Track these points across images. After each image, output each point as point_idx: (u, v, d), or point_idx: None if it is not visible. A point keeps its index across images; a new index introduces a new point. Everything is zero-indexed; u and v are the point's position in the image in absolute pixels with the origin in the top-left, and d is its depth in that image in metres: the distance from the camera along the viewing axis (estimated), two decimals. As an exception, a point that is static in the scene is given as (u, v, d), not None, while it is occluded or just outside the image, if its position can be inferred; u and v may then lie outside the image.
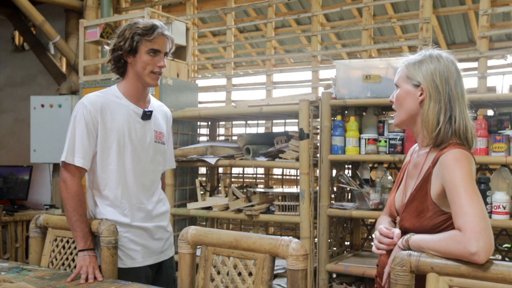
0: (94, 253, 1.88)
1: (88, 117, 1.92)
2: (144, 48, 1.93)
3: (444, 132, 1.46)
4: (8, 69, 5.55)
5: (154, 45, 1.93)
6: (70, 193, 1.90)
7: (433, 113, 1.47)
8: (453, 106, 1.47)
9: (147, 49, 1.93)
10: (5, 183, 4.73)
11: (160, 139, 2.11)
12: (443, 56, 1.52)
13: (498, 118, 2.61)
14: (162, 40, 1.95)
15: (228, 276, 1.59)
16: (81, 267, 1.83)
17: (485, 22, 3.27)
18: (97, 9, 4.60)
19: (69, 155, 1.93)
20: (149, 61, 1.94)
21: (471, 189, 1.34)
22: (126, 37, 1.93)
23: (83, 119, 1.93)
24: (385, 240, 1.50)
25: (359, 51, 3.84)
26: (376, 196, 2.77)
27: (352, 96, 2.83)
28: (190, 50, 4.05)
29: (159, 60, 1.96)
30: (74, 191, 1.91)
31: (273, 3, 4.15)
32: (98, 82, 3.90)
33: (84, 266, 1.83)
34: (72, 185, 1.91)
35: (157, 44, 1.94)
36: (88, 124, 1.93)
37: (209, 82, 5.95)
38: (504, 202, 2.41)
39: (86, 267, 1.82)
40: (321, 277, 2.85)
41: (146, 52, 1.93)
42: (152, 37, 1.92)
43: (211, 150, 3.26)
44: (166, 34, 1.97)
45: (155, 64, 1.95)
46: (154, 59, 1.95)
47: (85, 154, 1.93)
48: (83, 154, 1.93)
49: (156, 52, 1.95)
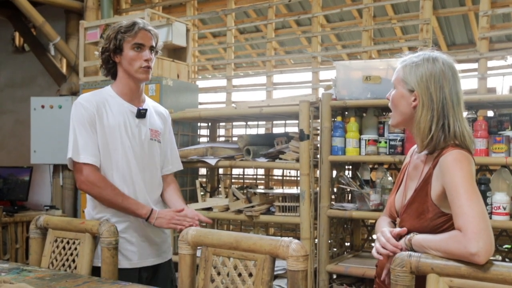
0: (155, 211, 1.98)
1: (86, 115, 1.95)
2: (128, 45, 1.98)
3: (436, 140, 1.45)
4: (8, 70, 5.55)
5: (137, 39, 1.98)
6: (98, 186, 1.93)
7: (425, 120, 1.46)
8: (447, 114, 1.45)
9: (130, 45, 1.98)
10: (5, 184, 4.73)
11: (156, 137, 2.12)
12: (440, 59, 1.50)
13: (498, 119, 2.61)
14: (145, 34, 2.00)
15: (229, 277, 1.59)
16: (169, 224, 1.97)
17: (485, 23, 3.27)
18: (97, 10, 4.60)
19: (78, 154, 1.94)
20: (134, 57, 1.98)
21: (471, 189, 1.34)
22: (111, 38, 1.99)
23: (81, 117, 1.95)
24: (389, 247, 1.46)
25: (359, 52, 3.84)
26: (376, 197, 2.76)
27: (352, 97, 2.83)
28: (190, 51, 4.05)
29: (144, 54, 1.99)
30: (99, 182, 1.93)
31: (273, 4, 4.15)
32: (98, 83, 3.90)
33: (166, 223, 1.97)
34: (94, 179, 1.93)
35: (139, 38, 1.98)
36: (88, 121, 1.95)
37: (209, 83, 5.96)
38: (504, 203, 2.41)
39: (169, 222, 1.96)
40: (321, 278, 2.85)
41: (130, 48, 1.98)
42: (133, 32, 1.97)
43: (211, 151, 3.26)
44: (148, 28, 2.02)
45: (141, 58, 1.99)
46: (139, 54, 1.99)
47: (93, 151, 1.94)
48: (92, 151, 1.94)
49: (140, 46, 1.99)
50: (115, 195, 1.94)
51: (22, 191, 4.65)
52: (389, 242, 1.46)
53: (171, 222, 1.97)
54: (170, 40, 3.70)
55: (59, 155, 4.43)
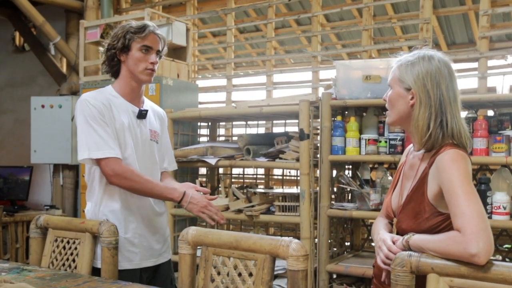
0: (188, 194, 1.96)
1: (95, 110, 1.93)
2: (136, 45, 1.98)
3: (435, 137, 1.45)
4: (9, 70, 5.55)
5: (146, 42, 1.99)
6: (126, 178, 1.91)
7: (423, 118, 1.46)
8: (444, 111, 1.45)
9: (139, 46, 1.98)
10: (5, 183, 4.73)
11: (155, 137, 2.13)
12: (436, 57, 1.50)
13: (498, 119, 2.61)
14: (154, 38, 2.01)
15: (229, 277, 1.59)
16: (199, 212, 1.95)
17: (485, 22, 3.27)
18: (97, 9, 4.60)
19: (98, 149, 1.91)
20: (141, 58, 1.99)
21: (469, 189, 1.34)
22: (119, 36, 1.99)
23: (91, 112, 1.92)
24: (393, 256, 1.42)
25: (359, 51, 3.84)
26: (376, 197, 2.77)
27: (352, 97, 2.83)
28: (190, 51, 4.05)
29: (151, 57, 2.00)
30: (126, 173, 1.91)
31: (273, 4, 4.15)
32: (98, 82, 3.90)
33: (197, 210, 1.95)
34: (120, 171, 1.90)
35: (148, 41, 1.99)
36: (99, 116, 1.93)
37: (209, 82, 5.96)
38: (505, 203, 2.41)
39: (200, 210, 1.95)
40: (322, 277, 2.85)
41: (138, 49, 1.99)
42: (144, 34, 1.97)
43: (211, 151, 3.26)
44: (157, 33, 2.03)
45: (147, 60, 2.00)
46: (146, 56, 2.00)
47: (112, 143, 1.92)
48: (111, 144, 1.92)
49: (148, 49, 2.00)
50: (144, 183, 1.93)
51: (22, 190, 4.65)
52: (391, 251, 1.45)
53: (203, 210, 1.97)
54: (170, 40, 3.70)
55: (59, 155, 4.43)
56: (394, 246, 1.46)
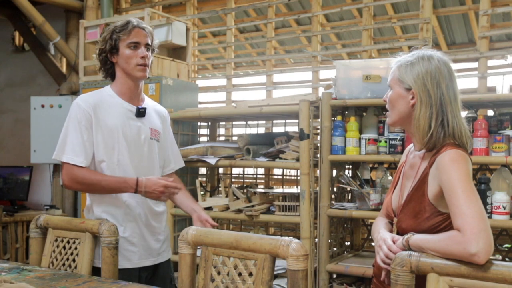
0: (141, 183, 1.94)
1: (80, 115, 1.96)
2: (123, 44, 2.01)
3: (436, 137, 1.45)
4: (8, 70, 5.55)
5: (132, 38, 2.00)
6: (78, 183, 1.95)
7: (424, 117, 1.46)
8: (445, 110, 1.46)
9: (126, 44, 2.00)
10: (5, 183, 4.73)
11: (156, 136, 2.13)
12: (435, 57, 1.50)
13: (498, 118, 2.61)
14: (139, 32, 2.02)
15: (229, 277, 1.59)
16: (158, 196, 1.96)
17: (485, 22, 3.27)
18: (97, 9, 4.60)
19: (62, 153, 1.97)
20: (131, 55, 2.01)
21: (469, 189, 1.34)
22: (107, 39, 2.02)
23: (75, 117, 1.97)
24: (393, 256, 1.42)
25: (359, 51, 3.84)
26: (376, 197, 2.77)
27: (352, 97, 2.83)
28: (190, 51, 4.05)
29: (140, 52, 2.01)
30: (78, 178, 1.95)
31: (273, 4, 4.15)
32: (98, 82, 3.90)
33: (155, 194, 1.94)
34: (72, 177, 1.95)
35: (134, 37, 2.01)
36: (81, 121, 1.96)
37: (209, 82, 5.96)
38: (504, 202, 2.41)
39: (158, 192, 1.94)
40: (322, 277, 2.85)
41: (126, 46, 2.01)
42: (127, 30, 2.00)
43: (211, 151, 3.26)
44: (142, 26, 2.04)
45: (137, 56, 2.01)
46: (135, 52, 2.01)
47: (79, 151, 1.95)
48: (77, 151, 1.95)
49: (136, 44, 2.01)
50: (98, 182, 1.94)
51: (22, 190, 4.65)
52: (391, 251, 1.46)
53: (162, 197, 1.99)
54: (170, 40, 3.70)
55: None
56: (394, 245, 1.46)
